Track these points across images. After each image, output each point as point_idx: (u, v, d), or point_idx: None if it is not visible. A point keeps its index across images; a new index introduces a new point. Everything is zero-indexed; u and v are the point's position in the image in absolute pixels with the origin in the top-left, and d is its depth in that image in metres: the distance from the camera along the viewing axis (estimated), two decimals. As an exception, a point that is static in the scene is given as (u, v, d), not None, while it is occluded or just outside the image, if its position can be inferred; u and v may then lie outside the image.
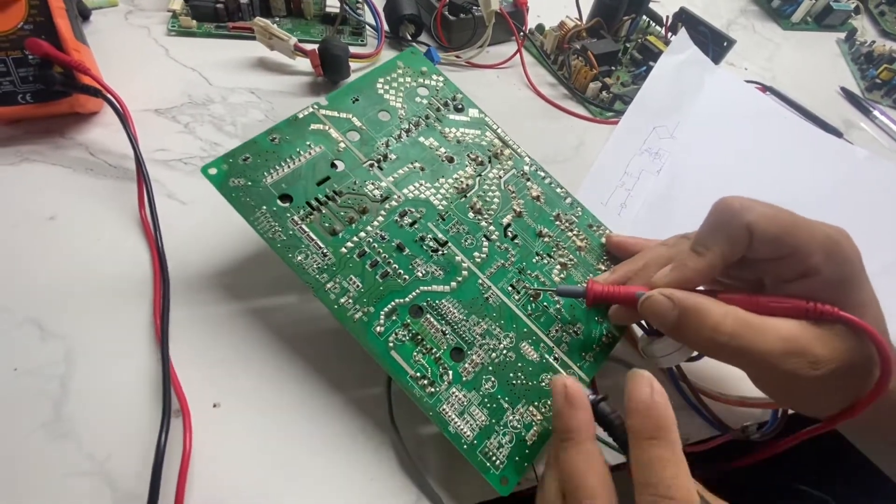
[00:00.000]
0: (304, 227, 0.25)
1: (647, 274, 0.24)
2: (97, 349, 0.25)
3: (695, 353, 0.25)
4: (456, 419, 0.23)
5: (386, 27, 0.44)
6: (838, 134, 0.48)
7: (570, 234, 0.30)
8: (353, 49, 0.40)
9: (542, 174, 0.32)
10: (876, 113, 0.52)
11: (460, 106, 0.32)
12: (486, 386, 0.24)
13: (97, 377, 0.24)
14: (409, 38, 0.44)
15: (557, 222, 0.30)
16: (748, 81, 0.50)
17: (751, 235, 0.21)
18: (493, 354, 0.25)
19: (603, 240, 0.31)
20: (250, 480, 0.23)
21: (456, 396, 0.24)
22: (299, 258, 0.25)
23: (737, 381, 0.29)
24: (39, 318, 0.25)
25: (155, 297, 0.27)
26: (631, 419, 0.20)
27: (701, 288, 0.24)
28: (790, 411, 0.27)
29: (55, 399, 0.23)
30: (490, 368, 0.25)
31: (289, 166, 0.27)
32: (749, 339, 0.21)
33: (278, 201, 0.26)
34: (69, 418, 0.23)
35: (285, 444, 0.24)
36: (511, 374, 0.25)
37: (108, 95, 0.31)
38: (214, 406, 0.24)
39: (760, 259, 0.22)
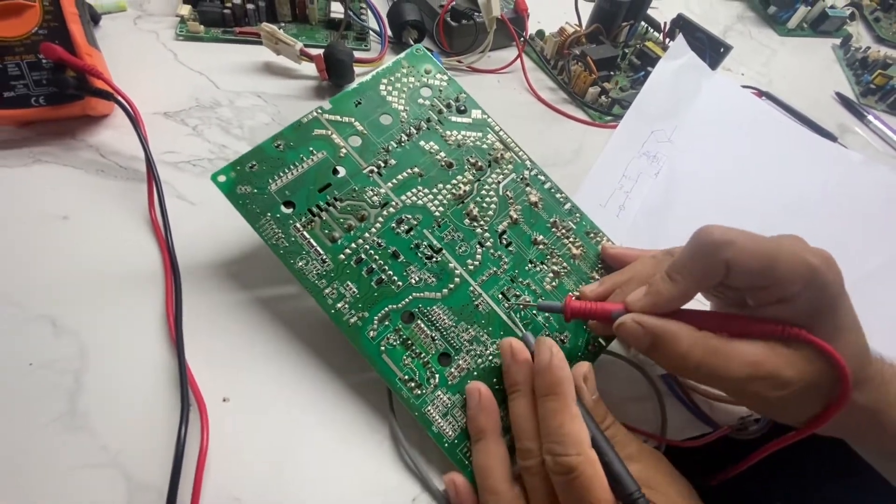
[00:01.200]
0: (305, 233, 0.26)
1: (629, 289, 0.24)
2: (109, 344, 0.26)
3: None
4: (439, 420, 0.25)
5: (389, 32, 0.45)
6: (833, 138, 0.48)
7: (565, 241, 0.30)
8: (357, 54, 0.40)
9: (543, 178, 0.31)
10: (870, 118, 0.53)
11: (463, 107, 0.32)
12: None
13: (110, 371, 0.25)
14: (412, 43, 0.45)
15: (554, 229, 0.30)
16: (745, 87, 0.51)
17: (728, 270, 0.21)
18: (480, 360, 0.26)
19: (599, 248, 0.30)
20: (259, 473, 0.24)
21: (441, 399, 0.25)
22: (300, 264, 0.26)
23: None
24: (52, 314, 0.26)
25: (167, 295, 0.27)
26: (535, 380, 0.23)
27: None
28: None
29: (70, 393, 0.24)
30: (475, 373, 0.26)
31: (292, 173, 0.27)
32: (715, 366, 0.21)
33: (282, 208, 0.26)
34: (84, 411, 0.24)
35: (293, 436, 0.25)
36: (495, 380, 0.26)
37: (120, 99, 0.31)
38: (224, 400, 0.25)
39: (739, 286, 0.22)
